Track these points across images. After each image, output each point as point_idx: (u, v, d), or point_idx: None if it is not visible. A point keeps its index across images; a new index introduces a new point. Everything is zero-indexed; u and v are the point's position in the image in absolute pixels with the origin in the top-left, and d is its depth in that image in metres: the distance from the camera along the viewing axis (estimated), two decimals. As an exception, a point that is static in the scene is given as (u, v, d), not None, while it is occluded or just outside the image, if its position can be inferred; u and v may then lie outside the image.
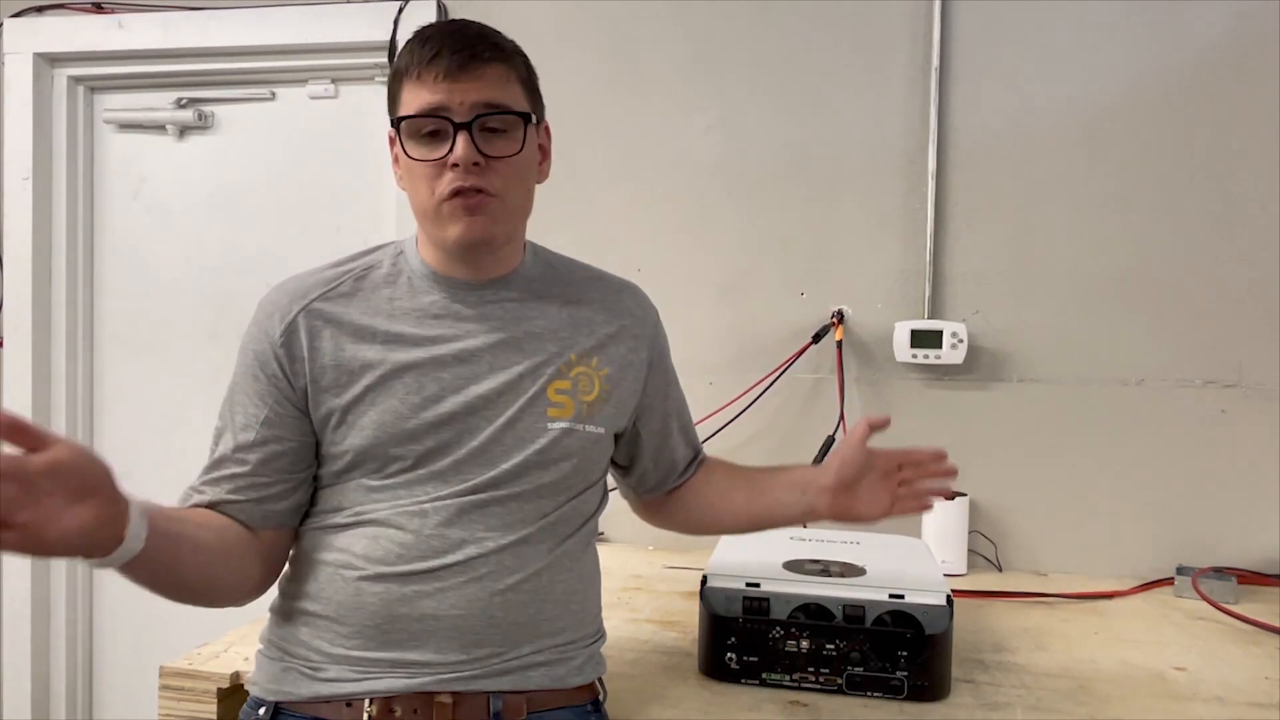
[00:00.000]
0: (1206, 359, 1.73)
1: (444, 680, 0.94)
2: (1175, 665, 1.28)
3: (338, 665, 0.95)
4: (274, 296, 1.01)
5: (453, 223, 0.96)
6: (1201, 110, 1.72)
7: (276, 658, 0.99)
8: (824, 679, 1.14)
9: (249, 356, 1.00)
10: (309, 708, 0.95)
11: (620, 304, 1.11)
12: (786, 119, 1.86)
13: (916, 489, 1.14)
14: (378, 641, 0.94)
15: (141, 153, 2.25)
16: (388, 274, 1.03)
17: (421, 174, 0.95)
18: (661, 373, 1.15)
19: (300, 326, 0.99)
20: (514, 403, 1.00)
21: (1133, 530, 1.75)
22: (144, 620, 2.25)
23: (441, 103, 0.93)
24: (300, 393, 0.99)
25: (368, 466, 0.98)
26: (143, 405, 2.26)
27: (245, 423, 0.99)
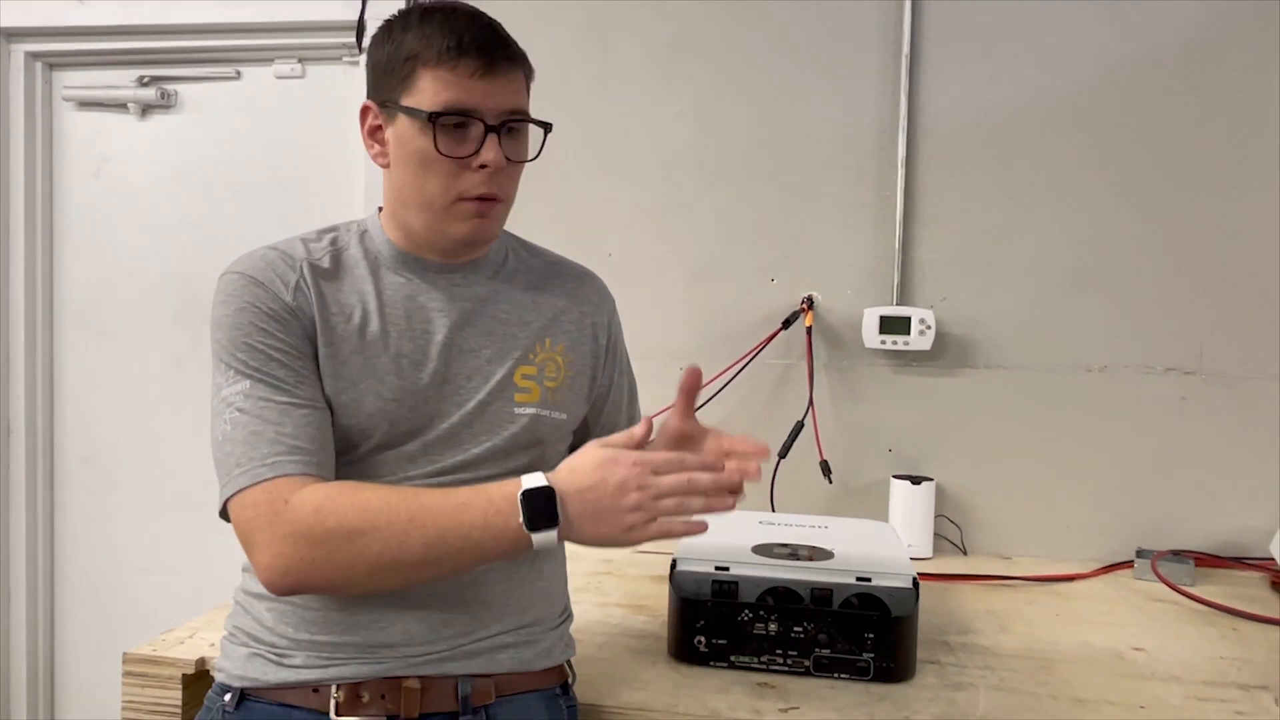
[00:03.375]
0: (1168, 346, 1.76)
1: (412, 664, 0.94)
2: (1134, 646, 1.30)
3: (304, 651, 0.94)
4: (258, 264, 0.96)
5: (462, 222, 0.97)
6: (1163, 102, 1.75)
7: (242, 643, 0.98)
8: (792, 661, 1.15)
9: (263, 312, 0.93)
10: (275, 694, 0.95)
11: (580, 291, 1.13)
12: (758, 106, 1.86)
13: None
14: (344, 625, 0.94)
15: (102, 131, 2.21)
16: (356, 253, 1.02)
17: (440, 169, 0.94)
18: (615, 361, 1.17)
19: (305, 291, 0.96)
20: (483, 387, 1.00)
21: (1094, 514, 1.78)
22: (106, 607, 2.22)
23: (476, 104, 0.93)
24: (312, 357, 0.95)
25: (338, 445, 0.97)
26: (104, 388, 2.22)
27: (296, 376, 0.93)
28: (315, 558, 0.86)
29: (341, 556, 0.86)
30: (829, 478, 1.76)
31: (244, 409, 0.90)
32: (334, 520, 0.86)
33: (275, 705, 0.94)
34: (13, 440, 2.21)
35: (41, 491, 2.23)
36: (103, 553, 2.23)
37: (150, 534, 2.18)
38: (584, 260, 1.18)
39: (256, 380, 0.91)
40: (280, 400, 0.91)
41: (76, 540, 2.25)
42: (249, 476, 0.88)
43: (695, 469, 0.88)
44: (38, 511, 2.23)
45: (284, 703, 0.94)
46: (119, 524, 2.21)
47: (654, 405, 1.38)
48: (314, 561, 0.86)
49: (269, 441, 0.89)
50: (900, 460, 1.83)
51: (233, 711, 0.95)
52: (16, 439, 2.20)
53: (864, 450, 1.84)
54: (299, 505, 0.87)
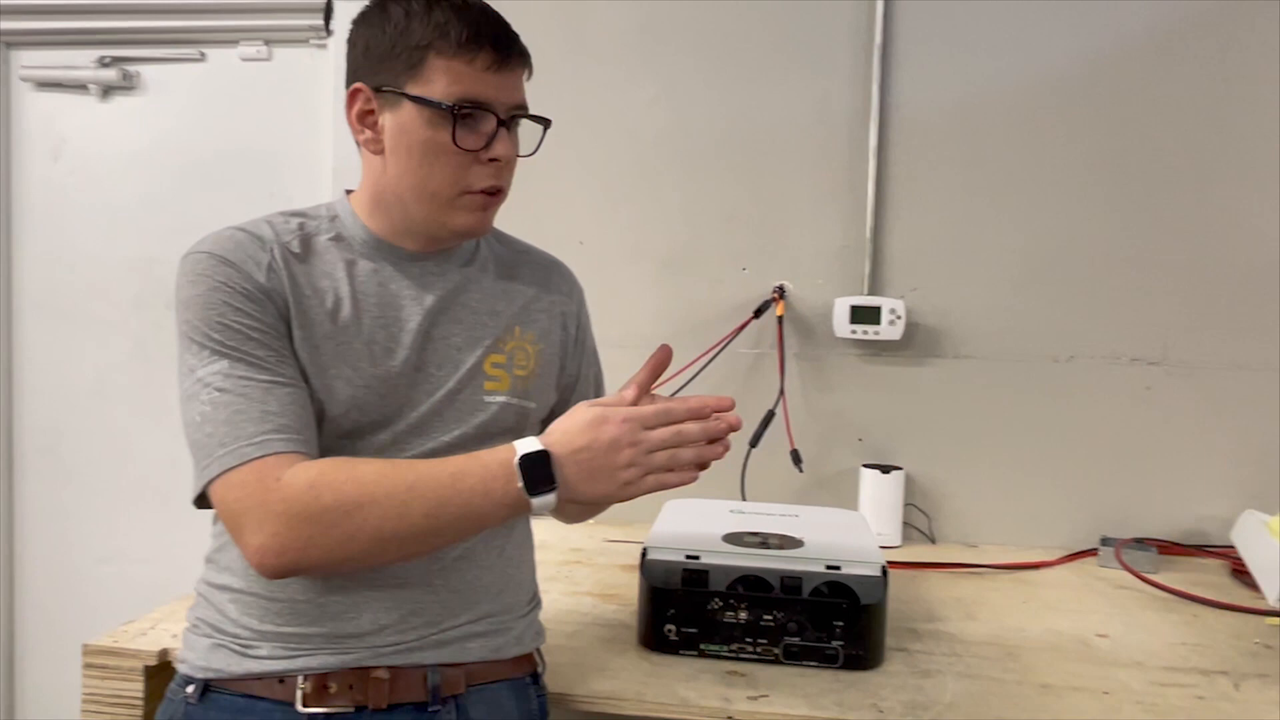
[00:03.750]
0: (1133, 337, 1.78)
1: (380, 653, 0.93)
2: (1098, 632, 1.32)
3: (269, 642, 0.93)
4: (227, 244, 0.93)
5: (467, 214, 0.97)
6: (1131, 96, 1.76)
7: (206, 635, 0.96)
8: (761, 649, 1.15)
9: (238, 293, 0.90)
10: (240, 685, 0.93)
11: (550, 280, 1.13)
12: (731, 94, 1.86)
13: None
14: (311, 616, 0.92)
15: (62, 112, 2.16)
16: (327, 236, 1.00)
17: (452, 160, 0.94)
18: (582, 353, 1.17)
19: (279, 272, 0.93)
20: (453, 374, 0.99)
21: (1060, 503, 1.80)
22: (67, 598, 2.18)
23: (491, 97, 0.94)
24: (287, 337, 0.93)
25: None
26: (65, 375, 2.17)
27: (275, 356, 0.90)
28: (313, 534, 0.83)
29: (341, 531, 0.84)
30: (800, 467, 1.77)
31: (224, 388, 0.87)
32: (330, 495, 0.83)
33: (240, 696, 0.93)
34: (-31, 428, 2.16)
35: (0, 481, 2.19)
36: (63, 543, 2.19)
37: (112, 523, 2.14)
38: (555, 248, 1.17)
39: (235, 359, 0.88)
40: (262, 379, 0.88)
41: (36, 530, 2.20)
42: (235, 456, 0.85)
43: (682, 418, 0.87)
44: (-4, 501, 2.19)
45: (249, 694, 0.93)
46: (80, 513, 2.17)
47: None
48: (311, 539, 0.83)
49: (254, 420, 0.86)
50: (870, 449, 1.84)
51: (196, 703, 0.94)
52: (-27, 427, 2.16)
53: (834, 439, 1.85)
54: (291, 482, 0.84)
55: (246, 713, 0.92)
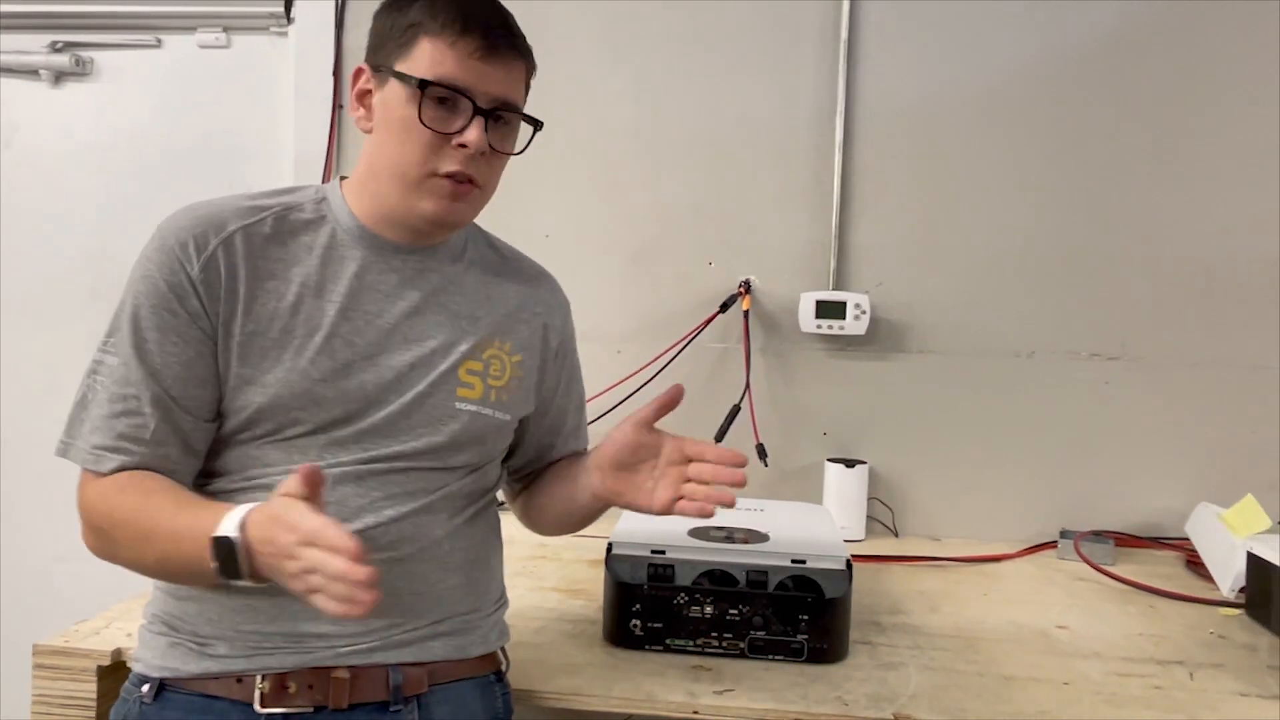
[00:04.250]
0: (1093, 333, 1.81)
1: (340, 654, 0.91)
2: (1058, 624, 1.34)
3: (227, 641, 0.91)
4: (183, 222, 0.92)
5: (432, 198, 0.94)
6: (1092, 93, 1.79)
7: (161, 633, 0.94)
8: (727, 644, 1.15)
9: (160, 288, 0.90)
10: (196, 684, 0.91)
11: (535, 292, 1.11)
12: (698, 88, 1.86)
13: (699, 491, 0.97)
14: (270, 615, 0.90)
15: (12, 99, 2.10)
16: (310, 220, 0.97)
17: (420, 139, 0.92)
18: (564, 366, 1.15)
19: (220, 260, 0.91)
20: (425, 377, 0.97)
21: (1021, 496, 1.82)
22: (19, 596, 2.13)
23: (470, 83, 0.92)
24: (213, 335, 0.92)
25: (263, 426, 0.93)
26: (16, 370, 2.12)
27: (163, 362, 0.90)
28: (98, 545, 0.91)
29: (111, 549, 0.91)
30: (765, 461, 1.77)
31: (104, 386, 0.91)
32: (96, 520, 0.90)
33: (196, 696, 0.91)
34: (-85, 423, 2.10)
35: (-53, 477, 2.13)
36: (15, 540, 2.13)
37: (63, 520, 2.08)
38: (521, 241, 1.16)
39: (122, 361, 0.90)
40: (130, 390, 0.90)
41: (-14, 527, 2.15)
42: (82, 459, 0.91)
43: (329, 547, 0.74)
44: (-57, 498, 2.13)
45: (206, 693, 0.91)
46: (31, 509, 2.11)
47: (590, 388, 1.37)
48: (99, 548, 0.92)
49: (103, 433, 0.90)
50: (835, 443, 1.85)
51: (150, 703, 0.92)
52: (-81, 422, 2.10)
53: (799, 433, 1.85)
54: (87, 496, 0.91)
55: (203, 712, 0.91)
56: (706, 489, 0.97)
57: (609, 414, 1.81)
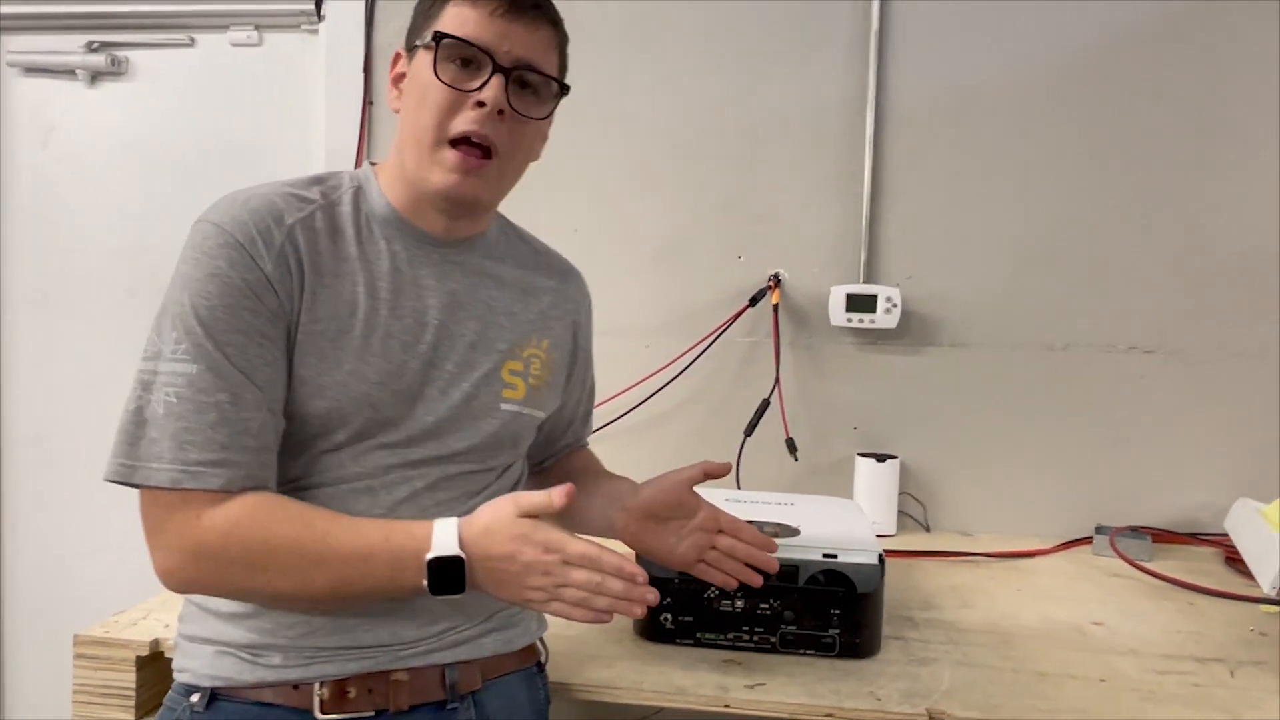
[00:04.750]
0: (1129, 325, 1.78)
1: (399, 657, 0.91)
2: (1093, 620, 1.32)
3: (282, 652, 0.89)
4: (240, 215, 0.87)
5: (443, 171, 0.91)
6: (1130, 82, 1.76)
7: (206, 644, 0.90)
8: (758, 638, 1.15)
9: (235, 285, 0.84)
10: (251, 693, 0.89)
11: (565, 288, 1.10)
12: (726, 81, 1.84)
13: (727, 564, 1.03)
14: (327, 630, 0.89)
15: (50, 99, 2.13)
16: (350, 213, 0.94)
17: (438, 100, 0.89)
18: (584, 362, 1.16)
19: (288, 255, 0.88)
20: (469, 376, 0.96)
21: (1055, 491, 1.80)
22: (57, 588, 2.17)
23: (490, 41, 0.89)
24: (287, 335, 0.88)
25: (312, 430, 0.90)
26: (53, 367, 2.15)
27: (251, 365, 0.85)
28: (217, 579, 0.85)
29: (243, 583, 0.85)
30: (795, 455, 1.77)
31: (184, 396, 0.83)
32: (238, 550, 0.83)
33: (252, 705, 0.88)
34: (-42, 418, 2.14)
35: (-12, 470, 2.17)
36: (50, 534, 2.17)
37: (102, 513, 2.12)
38: (548, 236, 1.16)
39: (205, 367, 0.83)
40: (222, 397, 0.83)
41: (26, 520, 2.19)
42: (168, 478, 0.82)
43: (610, 572, 0.83)
44: (-15, 491, 2.17)
45: (261, 701, 0.88)
46: (70, 503, 2.15)
47: (619, 383, 1.38)
48: (214, 582, 0.86)
49: (199, 446, 0.83)
50: (865, 438, 1.84)
51: (203, 712, 0.89)
52: (-38, 417, 2.14)
53: (830, 428, 1.84)
54: (209, 526, 0.83)
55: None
56: (736, 564, 1.03)
57: (639, 408, 1.82)
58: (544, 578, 0.83)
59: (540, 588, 0.83)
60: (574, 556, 0.82)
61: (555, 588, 0.83)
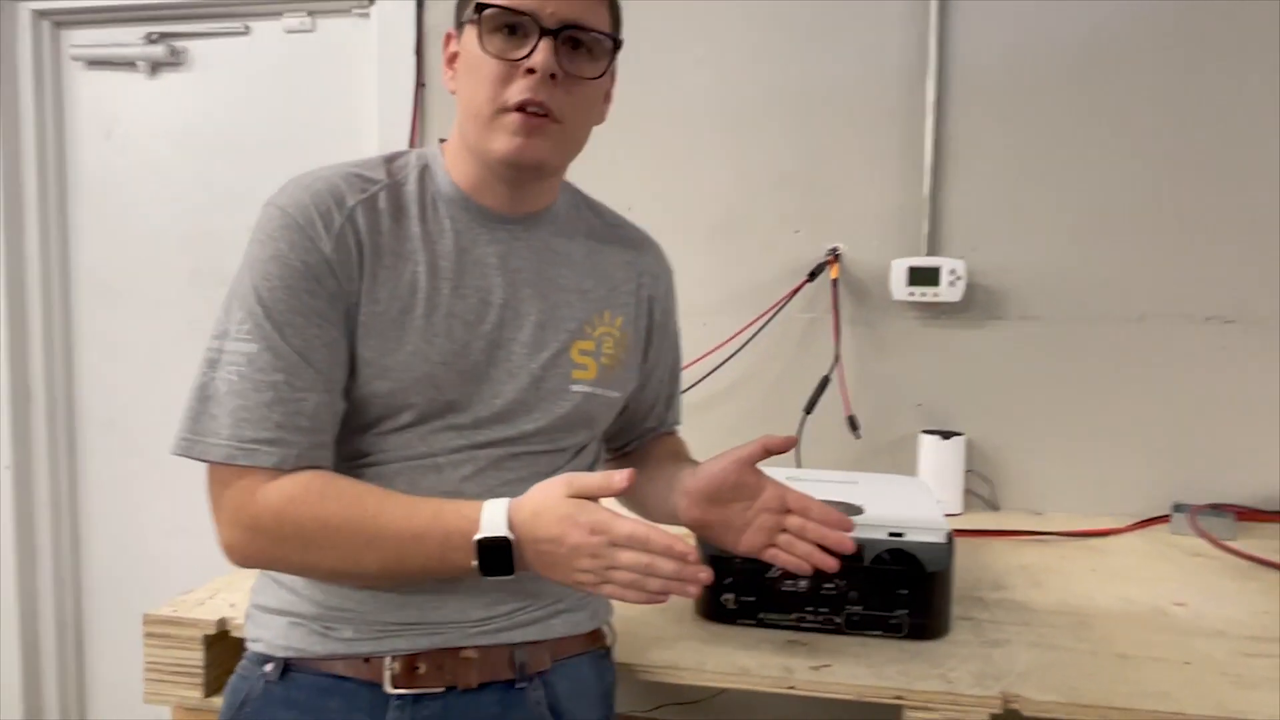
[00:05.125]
0: (1207, 295, 1.70)
1: (468, 634, 0.91)
2: (1175, 601, 1.27)
3: (353, 626, 0.89)
4: (303, 198, 0.88)
5: (506, 136, 0.89)
6: (1204, 42, 1.67)
7: (280, 615, 0.92)
8: (822, 618, 1.12)
9: (295, 267, 0.86)
10: (324, 664, 0.90)
11: (640, 261, 1.07)
12: (780, 50, 1.80)
13: (799, 547, 0.95)
14: (396, 604, 0.89)
15: (112, 91, 2.17)
16: (415, 193, 0.94)
17: (489, 73, 0.88)
18: (665, 337, 1.12)
19: (349, 237, 0.88)
20: (537, 357, 0.95)
21: (1129, 468, 1.73)
22: (130, 570, 2.23)
23: (533, 4, 0.87)
24: (348, 316, 0.88)
25: (375, 412, 0.90)
26: (122, 352, 2.21)
27: (308, 345, 0.86)
28: (274, 555, 0.88)
29: (297, 559, 0.87)
30: (857, 433, 1.73)
31: (244, 374, 0.85)
32: (292, 528, 0.85)
33: (324, 675, 0.89)
34: (33, 406, 2.20)
35: (63, 457, 2.23)
36: (125, 516, 2.23)
37: (171, 496, 2.17)
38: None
39: (264, 347, 0.85)
40: (279, 377, 0.85)
41: (100, 504, 2.25)
42: (224, 454, 0.85)
43: (660, 552, 0.81)
44: (60, 476, 2.23)
45: (333, 673, 0.89)
46: (141, 487, 2.21)
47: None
48: (271, 558, 0.88)
49: (254, 424, 0.84)
50: (929, 415, 1.79)
51: (275, 681, 0.90)
52: (37, 405, 2.20)
53: (892, 405, 1.80)
54: (264, 502, 0.85)
55: (330, 693, 0.89)
56: (807, 546, 0.95)
57: (695, 387, 1.79)
58: (592, 560, 0.82)
59: (589, 570, 0.83)
60: (621, 538, 0.81)
61: (604, 570, 0.82)
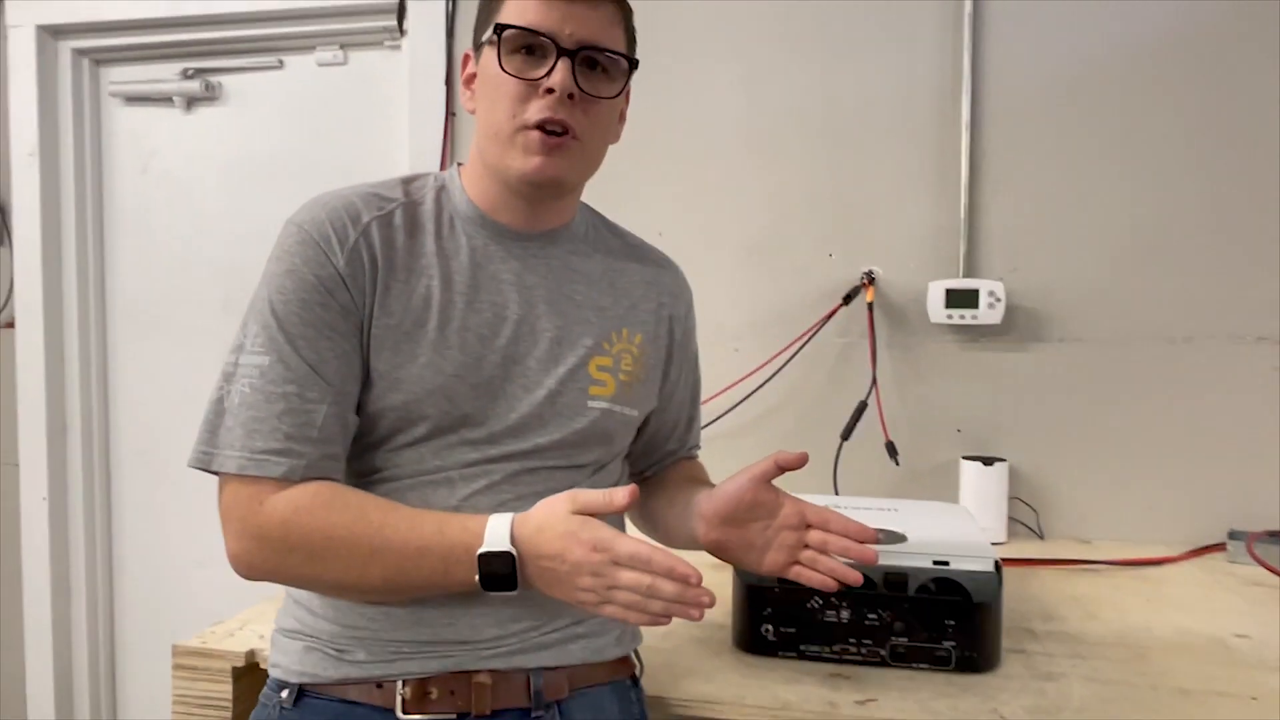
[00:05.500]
0: (1257, 314, 1.65)
1: (482, 657, 0.89)
2: (1236, 632, 1.21)
3: (365, 648, 0.89)
4: (319, 215, 0.90)
5: (526, 155, 0.90)
6: (1248, 57, 1.63)
7: (297, 638, 0.92)
8: (866, 650, 1.08)
9: (308, 280, 0.87)
10: (336, 689, 0.89)
11: (660, 280, 1.06)
12: (812, 72, 1.79)
13: (822, 562, 0.93)
14: (409, 621, 0.88)
15: (149, 126, 2.20)
16: (432, 211, 0.95)
17: (507, 93, 0.89)
18: (685, 358, 1.11)
19: (362, 251, 0.89)
20: (553, 372, 0.94)
21: (1180, 494, 1.68)
22: (162, 600, 2.23)
23: (552, 25, 0.88)
24: (360, 329, 0.89)
25: (389, 425, 0.90)
26: (157, 382, 2.22)
27: (320, 357, 0.86)
28: (279, 566, 0.86)
29: (302, 570, 0.86)
30: (895, 459, 1.69)
31: (255, 387, 0.86)
32: (297, 538, 0.84)
33: (336, 701, 0.89)
34: (69, 436, 2.22)
35: (99, 485, 2.25)
36: (159, 545, 2.23)
37: (204, 526, 2.16)
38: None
39: (276, 359, 0.86)
40: (290, 388, 0.85)
41: (134, 533, 2.25)
42: (236, 465, 0.85)
43: (661, 573, 0.79)
44: (95, 505, 2.24)
45: (346, 699, 0.89)
46: (174, 516, 2.21)
47: (708, 388, 1.32)
48: (277, 568, 0.87)
49: (264, 435, 0.85)
50: (970, 440, 1.74)
51: (290, 708, 0.90)
52: (73, 434, 2.22)
53: (931, 431, 1.75)
54: (270, 512, 0.84)
55: (343, 719, 0.89)
56: (831, 561, 0.93)
57: (728, 414, 1.77)
58: (593, 578, 0.81)
59: (590, 589, 0.81)
60: (622, 556, 0.80)
61: (606, 589, 0.81)
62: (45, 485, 2.18)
